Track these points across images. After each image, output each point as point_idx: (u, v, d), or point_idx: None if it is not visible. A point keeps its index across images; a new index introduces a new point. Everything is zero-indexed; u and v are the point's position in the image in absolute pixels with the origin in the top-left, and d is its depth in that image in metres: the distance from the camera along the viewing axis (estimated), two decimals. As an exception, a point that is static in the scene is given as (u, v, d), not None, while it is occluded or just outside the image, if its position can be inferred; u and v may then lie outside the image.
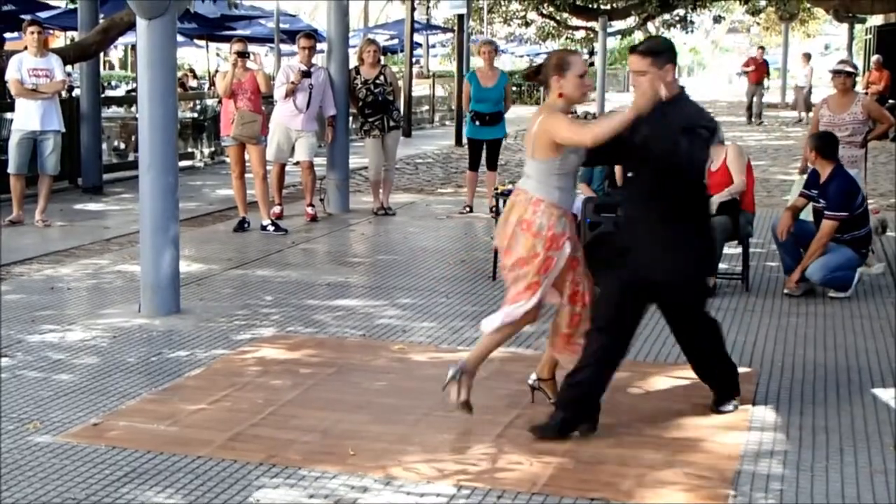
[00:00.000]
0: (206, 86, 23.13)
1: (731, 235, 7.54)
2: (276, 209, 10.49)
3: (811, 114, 24.29)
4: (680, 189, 4.60)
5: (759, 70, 25.56)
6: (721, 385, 4.98)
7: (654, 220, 4.65)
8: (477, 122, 10.98)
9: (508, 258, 4.69)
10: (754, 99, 25.72)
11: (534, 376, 5.02)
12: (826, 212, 7.23)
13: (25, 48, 10.49)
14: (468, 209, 11.24)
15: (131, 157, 14.19)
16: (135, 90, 11.86)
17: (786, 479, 4.15)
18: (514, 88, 13.45)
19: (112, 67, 35.66)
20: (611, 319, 4.61)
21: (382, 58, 12.05)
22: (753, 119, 25.40)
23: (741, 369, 5.58)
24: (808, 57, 26.77)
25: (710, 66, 62.29)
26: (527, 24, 39.03)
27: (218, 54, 30.77)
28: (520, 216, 4.64)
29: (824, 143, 7.44)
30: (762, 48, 28.50)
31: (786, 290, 7.38)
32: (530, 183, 4.68)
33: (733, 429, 4.71)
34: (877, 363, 5.79)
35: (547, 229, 4.58)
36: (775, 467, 4.27)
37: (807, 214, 7.60)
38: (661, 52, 4.63)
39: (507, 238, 4.68)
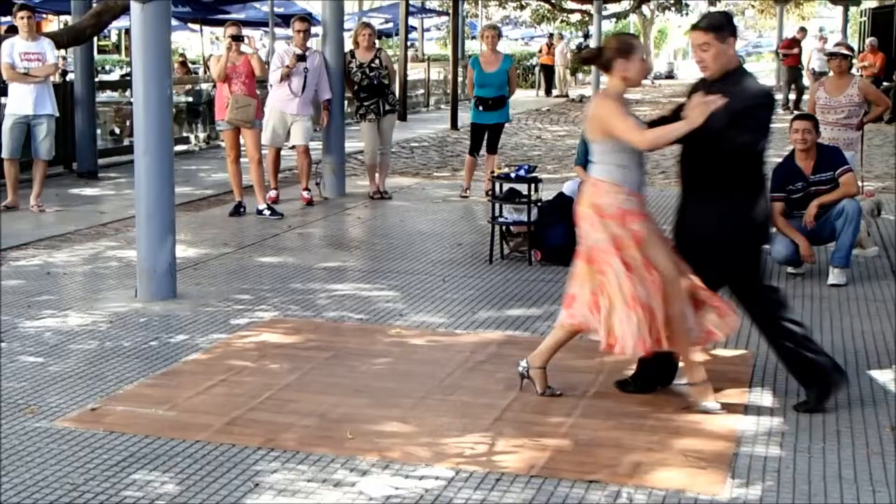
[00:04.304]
0: (201, 70, 23.04)
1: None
2: (272, 193, 10.46)
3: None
4: (734, 163, 4.69)
5: (797, 53, 23.60)
6: (794, 370, 4.87)
7: (708, 193, 4.74)
8: (480, 107, 10.94)
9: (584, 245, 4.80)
10: (794, 84, 23.39)
11: (524, 363, 4.98)
12: (839, 170, 7.19)
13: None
14: (466, 192, 11.22)
15: (126, 142, 14.15)
16: (129, 74, 11.82)
17: (783, 461, 4.16)
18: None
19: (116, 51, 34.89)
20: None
21: (377, 41, 11.99)
22: (792, 106, 22.69)
23: (738, 352, 5.61)
24: (804, 32, 25.63)
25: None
26: (522, 7, 38.96)
27: (217, 39, 30.46)
28: (588, 202, 4.76)
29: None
30: (804, 29, 26.01)
31: (791, 270, 7.37)
32: (594, 167, 4.81)
33: (730, 411, 4.71)
34: (873, 345, 5.81)
35: (612, 207, 4.67)
36: (773, 449, 4.28)
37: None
38: (724, 27, 4.78)
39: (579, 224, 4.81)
